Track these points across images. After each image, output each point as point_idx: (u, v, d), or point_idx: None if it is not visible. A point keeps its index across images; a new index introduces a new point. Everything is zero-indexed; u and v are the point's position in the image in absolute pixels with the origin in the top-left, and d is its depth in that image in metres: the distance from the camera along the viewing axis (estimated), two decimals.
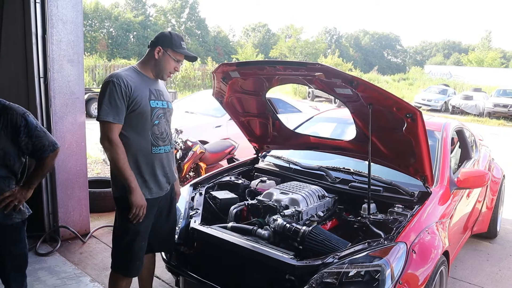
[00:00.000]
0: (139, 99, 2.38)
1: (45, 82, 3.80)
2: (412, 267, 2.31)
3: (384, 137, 2.87)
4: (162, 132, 2.52)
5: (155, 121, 2.47)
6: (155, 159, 2.50)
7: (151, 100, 2.44)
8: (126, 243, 2.50)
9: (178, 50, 2.47)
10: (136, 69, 2.49)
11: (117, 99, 2.32)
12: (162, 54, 2.45)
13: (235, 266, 2.60)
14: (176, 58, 2.49)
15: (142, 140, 2.44)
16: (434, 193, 2.90)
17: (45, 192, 3.98)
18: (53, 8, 3.72)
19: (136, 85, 2.39)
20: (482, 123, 18.32)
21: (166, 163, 2.57)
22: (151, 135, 2.46)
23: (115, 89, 2.31)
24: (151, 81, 2.52)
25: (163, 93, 2.57)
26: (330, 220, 2.95)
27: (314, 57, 46.41)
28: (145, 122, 2.42)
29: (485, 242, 4.67)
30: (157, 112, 2.47)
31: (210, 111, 7.03)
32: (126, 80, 2.36)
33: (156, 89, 2.52)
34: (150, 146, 2.46)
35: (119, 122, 2.34)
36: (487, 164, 4.57)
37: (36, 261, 3.68)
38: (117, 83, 2.32)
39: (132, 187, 2.37)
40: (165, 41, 2.45)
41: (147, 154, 2.46)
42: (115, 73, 2.39)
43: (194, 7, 55.05)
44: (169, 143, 2.60)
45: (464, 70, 39.84)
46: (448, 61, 63.62)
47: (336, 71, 2.52)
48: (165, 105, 2.55)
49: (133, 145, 2.42)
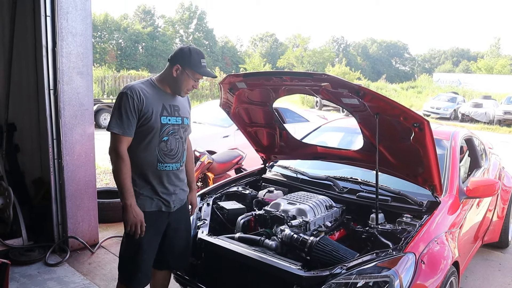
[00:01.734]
0: (150, 114, 2.35)
1: (55, 94, 3.85)
2: (421, 278, 2.28)
3: (392, 146, 2.86)
4: (172, 149, 2.46)
5: (164, 138, 2.42)
6: (161, 175, 2.46)
7: (163, 116, 2.41)
8: (128, 255, 2.51)
9: (197, 70, 2.41)
10: (153, 83, 2.47)
11: (129, 112, 2.31)
12: (180, 72, 2.40)
13: (242, 276, 2.60)
14: (194, 78, 2.44)
15: (148, 156, 2.41)
16: (443, 203, 2.87)
17: (54, 203, 4.01)
18: (63, 21, 3.79)
19: (149, 99, 2.37)
20: (492, 131, 18.14)
21: (174, 180, 2.52)
22: (158, 151, 2.42)
23: (128, 101, 2.31)
24: (167, 96, 2.48)
25: (180, 109, 2.52)
26: (338, 230, 2.94)
27: (322, 66, 46.49)
28: (153, 137, 2.39)
29: (497, 252, 4.60)
30: (168, 129, 2.43)
31: (217, 121, 7.06)
32: (140, 93, 2.34)
33: (171, 104, 2.47)
34: (156, 162, 2.43)
35: (128, 135, 2.34)
36: (497, 173, 4.52)
37: (45, 272, 3.70)
38: (130, 95, 2.32)
39: (127, 204, 2.33)
40: (185, 60, 2.39)
41: (152, 169, 2.43)
42: (130, 85, 2.38)
43: (202, 18, 55.54)
44: (179, 161, 2.53)
45: (474, 78, 39.60)
46: (457, 68, 63.33)
47: (342, 81, 2.53)
48: (179, 121, 2.49)
49: (139, 159, 2.40)
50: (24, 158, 4.52)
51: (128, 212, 2.34)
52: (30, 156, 4.47)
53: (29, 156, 4.49)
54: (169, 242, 2.60)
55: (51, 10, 3.74)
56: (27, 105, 4.32)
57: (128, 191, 2.33)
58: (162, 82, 2.48)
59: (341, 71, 34.62)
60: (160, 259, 2.63)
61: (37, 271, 3.71)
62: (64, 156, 3.93)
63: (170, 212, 2.55)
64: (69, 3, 3.80)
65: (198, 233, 2.85)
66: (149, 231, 2.44)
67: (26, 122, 4.39)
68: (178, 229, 2.64)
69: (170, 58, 2.46)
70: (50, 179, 3.97)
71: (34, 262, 3.83)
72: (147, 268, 2.52)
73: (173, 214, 2.57)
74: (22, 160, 4.52)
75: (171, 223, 2.58)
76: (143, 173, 2.42)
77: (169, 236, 2.60)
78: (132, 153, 2.38)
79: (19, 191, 4.29)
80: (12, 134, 4.40)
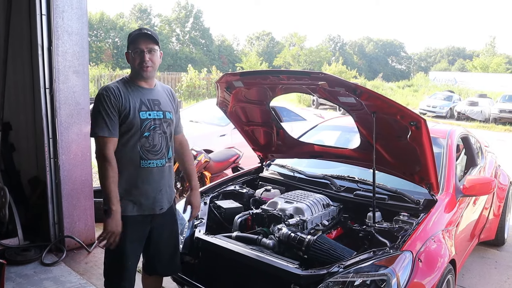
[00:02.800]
0: (128, 111, 2.30)
1: (50, 93, 3.83)
2: (419, 276, 2.29)
3: (389, 145, 2.87)
4: (155, 145, 2.38)
5: (146, 133, 2.34)
6: (144, 173, 2.37)
7: (142, 111, 2.34)
8: (111, 263, 2.45)
9: (131, 40, 2.36)
10: (127, 80, 2.42)
11: (109, 112, 2.25)
12: (129, 56, 2.38)
13: (240, 275, 2.60)
14: (135, 49, 2.34)
15: (130, 153, 2.33)
16: (440, 201, 2.88)
17: (50, 202, 4.00)
18: (58, 20, 3.77)
19: (126, 96, 2.32)
20: (488, 129, 18.20)
21: (159, 179, 2.42)
22: (140, 148, 2.34)
23: (106, 102, 2.26)
24: (145, 91, 2.41)
25: (160, 103, 2.43)
26: (335, 229, 2.94)
27: (318, 65, 46.52)
28: (134, 134, 2.32)
29: (493, 250, 4.62)
30: (148, 124, 2.35)
31: (214, 120, 7.05)
32: (116, 91, 2.30)
33: (150, 99, 2.40)
34: (139, 160, 2.34)
35: (113, 136, 2.28)
36: (494, 171, 4.54)
37: (41, 271, 3.69)
38: (107, 95, 2.27)
39: (113, 210, 2.25)
40: (127, 44, 2.38)
41: (136, 168, 2.35)
42: (105, 86, 2.34)
43: (198, 17, 55.42)
44: (164, 157, 2.43)
45: (469, 76, 39.72)
46: (453, 67, 63.45)
47: (339, 80, 2.53)
48: (161, 115, 2.41)
49: (122, 158, 2.32)
50: (20, 157, 4.50)
51: (112, 218, 2.26)
52: (26, 155, 4.45)
53: (25, 155, 4.46)
54: (154, 247, 2.52)
55: (47, 9, 3.72)
56: (23, 104, 4.30)
57: (115, 197, 2.26)
58: (133, 76, 2.42)
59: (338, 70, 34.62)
60: (148, 264, 2.58)
61: (33, 271, 3.69)
62: (60, 155, 3.91)
63: (154, 215, 2.46)
64: (65, 1, 3.78)
65: (195, 232, 2.85)
66: (132, 237, 2.38)
67: (21, 121, 4.37)
68: (163, 234, 2.54)
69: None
70: (46, 178, 3.95)
71: (30, 261, 3.81)
72: (131, 275, 2.45)
73: (158, 217, 2.48)
74: (18, 160, 4.50)
75: (155, 226, 2.49)
76: (125, 172, 2.34)
77: (154, 240, 2.51)
78: (115, 154, 2.30)
79: (15, 190, 4.27)
80: (7, 133, 4.37)
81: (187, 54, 49.41)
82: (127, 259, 2.40)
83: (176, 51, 50.48)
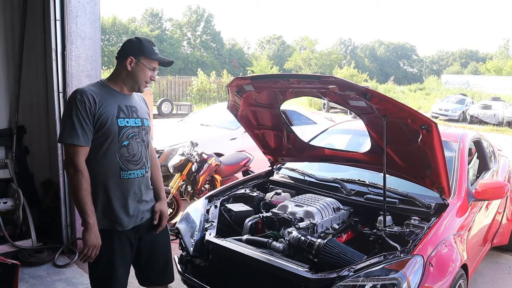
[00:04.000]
0: (105, 117, 2.13)
1: (64, 96, 3.88)
2: (429, 281, 2.27)
3: (399, 149, 2.85)
4: (134, 154, 2.23)
5: (124, 142, 2.18)
6: (126, 185, 2.21)
7: (120, 119, 2.18)
8: (101, 275, 2.27)
9: (152, 57, 2.21)
10: (104, 83, 2.24)
11: (81, 118, 2.07)
12: (135, 64, 2.19)
13: (250, 278, 2.60)
14: (151, 66, 2.22)
15: (109, 164, 2.17)
16: (452, 205, 2.86)
17: (63, 205, 4.05)
18: (72, 25, 3.82)
19: (102, 102, 2.13)
20: (502, 132, 17.98)
21: (138, 190, 2.27)
22: (119, 158, 2.18)
23: (79, 107, 2.07)
24: (122, 96, 2.24)
25: (137, 109, 2.29)
26: (346, 232, 2.93)
27: (330, 69, 46.43)
28: (111, 143, 2.15)
29: (506, 255, 4.56)
30: (127, 132, 2.19)
31: (225, 124, 7.07)
32: (91, 95, 2.11)
33: (127, 105, 2.24)
34: (119, 171, 2.18)
35: (85, 144, 2.09)
36: (507, 175, 4.49)
37: (54, 273, 3.73)
38: (81, 100, 2.08)
39: (90, 223, 2.09)
40: (136, 49, 2.19)
41: (115, 179, 2.19)
42: (79, 89, 2.14)
43: (209, 21, 55.74)
44: (144, 166, 2.29)
45: (482, 79, 39.27)
46: (465, 70, 62.86)
47: (349, 84, 2.53)
48: (139, 122, 2.27)
49: (100, 170, 2.16)
50: (34, 160, 4.56)
51: (89, 231, 2.09)
52: (39, 158, 4.51)
53: (38, 158, 4.53)
54: (146, 256, 2.41)
55: (61, 14, 3.78)
56: (37, 108, 4.37)
57: (90, 209, 2.10)
58: (115, 81, 2.25)
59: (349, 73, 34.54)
60: (142, 275, 2.49)
61: (46, 272, 3.74)
62: None
63: (139, 226, 2.33)
64: (78, 7, 3.84)
65: (206, 235, 2.86)
66: (120, 246, 2.25)
67: (35, 124, 4.44)
68: (154, 242, 2.42)
69: (119, 53, 2.23)
70: (59, 181, 4.00)
71: (43, 263, 3.87)
72: (123, 284, 2.32)
73: (144, 226, 2.35)
74: (32, 162, 4.56)
75: (143, 235, 2.37)
76: (104, 186, 2.18)
77: (145, 250, 2.39)
78: (90, 165, 2.14)
79: (28, 193, 4.33)
80: (21, 137, 4.44)
81: (198, 58, 49.68)
82: (117, 269, 2.26)
83: (187, 55, 50.80)
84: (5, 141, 4.31)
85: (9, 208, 4.07)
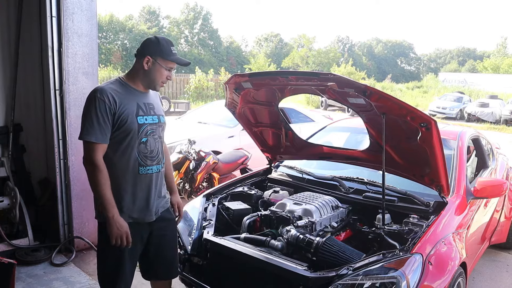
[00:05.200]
0: (125, 116, 2.19)
1: (60, 94, 3.86)
2: (429, 279, 2.27)
3: (398, 146, 2.84)
4: (152, 151, 2.31)
5: (143, 139, 2.26)
6: (142, 180, 2.29)
7: (139, 116, 2.24)
8: (109, 267, 2.34)
9: (169, 57, 2.26)
10: (122, 81, 2.29)
11: (100, 117, 2.13)
12: (151, 63, 2.24)
13: (248, 277, 2.59)
14: (167, 67, 2.28)
15: (128, 160, 2.24)
16: (450, 203, 2.85)
17: (60, 203, 4.02)
18: (68, 22, 3.79)
19: (122, 100, 2.20)
20: (499, 130, 18.01)
21: (154, 186, 2.35)
22: (138, 154, 2.25)
23: (99, 105, 2.13)
24: (140, 94, 2.31)
25: (154, 107, 2.36)
26: (344, 231, 2.92)
27: (327, 66, 46.41)
28: (131, 140, 2.22)
29: (504, 253, 4.56)
30: (146, 129, 2.27)
31: (223, 122, 7.06)
32: (111, 94, 2.17)
33: (145, 103, 2.31)
34: (137, 166, 2.26)
35: (103, 142, 2.16)
36: (505, 173, 4.49)
37: (51, 272, 3.71)
38: (101, 98, 2.14)
39: (109, 217, 2.16)
40: (154, 49, 2.24)
41: (133, 175, 2.26)
42: (99, 87, 2.20)
43: (207, 18, 55.58)
44: (159, 162, 2.37)
45: (480, 77, 39.33)
46: (463, 68, 62.91)
47: (348, 81, 2.51)
48: (156, 119, 2.34)
49: (118, 166, 2.23)
50: (30, 158, 4.54)
51: (111, 225, 2.17)
52: (36, 156, 4.49)
53: (35, 156, 4.50)
54: (155, 251, 2.45)
55: (57, 11, 3.75)
56: (33, 105, 4.34)
57: (110, 203, 2.17)
58: (133, 79, 2.31)
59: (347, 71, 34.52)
60: (148, 270, 2.53)
61: (43, 271, 3.72)
62: (70, 157, 3.94)
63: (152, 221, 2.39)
64: (75, 3, 3.81)
65: (204, 233, 2.85)
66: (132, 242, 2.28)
67: (32, 122, 4.41)
68: (163, 237, 2.47)
69: (138, 51, 2.30)
70: (56, 179, 3.98)
71: (40, 262, 3.84)
72: (129, 278, 2.38)
73: (155, 221, 2.40)
74: (28, 161, 4.54)
75: (154, 230, 2.42)
76: (122, 181, 2.25)
77: (154, 245, 2.44)
78: (109, 161, 2.21)
79: (25, 191, 4.30)
80: (18, 135, 4.41)
81: (196, 56, 49.56)
82: (125, 267, 2.32)
83: (185, 52, 50.65)
84: (1, 139, 4.29)
85: (5, 206, 4.04)
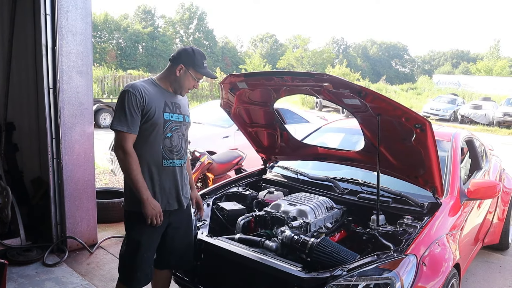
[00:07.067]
0: (153, 111, 2.40)
1: (54, 93, 3.83)
2: (423, 280, 2.27)
3: (393, 147, 2.85)
4: (176, 146, 2.52)
5: (168, 134, 2.47)
6: (166, 172, 2.50)
7: (165, 113, 2.46)
8: (128, 255, 2.53)
9: (200, 70, 2.50)
10: (154, 82, 2.53)
11: (132, 109, 2.35)
12: (183, 72, 2.48)
13: (242, 278, 2.58)
14: (196, 77, 2.51)
15: (153, 152, 2.45)
16: (444, 204, 2.86)
17: (53, 203, 3.99)
18: (63, 20, 3.77)
19: (151, 97, 2.42)
20: (492, 132, 18.14)
21: (178, 177, 2.56)
22: (163, 148, 2.46)
23: (131, 99, 2.35)
24: (168, 94, 2.53)
25: (181, 106, 2.58)
26: (339, 231, 2.92)
27: (322, 67, 46.51)
28: (156, 134, 2.44)
29: (497, 254, 4.59)
30: (171, 125, 2.48)
31: (218, 122, 7.04)
32: (142, 90, 2.39)
33: (172, 102, 2.53)
34: (161, 159, 2.47)
35: (132, 132, 2.37)
36: (498, 174, 4.51)
37: (43, 272, 3.68)
38: (133, 93, 2.36)
39: (144, 199, 2.38)
40: (188, 60, 2.47)
41: (158, 166, 2.47)
42: (132, 84, 2.44)
43: (202, 18, 55.55)
44: (183, 158, 2.59)
45: (473, 79, 39.63)
46: (456, 70, 63.29)
47: (344, 82, 2.51)
48: (181, 118, 2.55)
49: (145, 156, 2.43)
50: (23, 157, 4.50)
51: (146, 206, 2.38)
52: (29, 155, 4.45)
53: (28, 155, 4.47)
54: (170, 241, 2.61)
55: (51, 9, 3.73)
56: (26, 104, 4.31)
57: (143, 186, 2.38)
58: (164, 81, 2.53)
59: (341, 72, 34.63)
60: (161, 258, 2.66)
61: (35, 271, 3.69)
62: (63, 156, 3.91)
63: (171, 211, 2.56)
64: (69, 2, 3.79)
65: (198, 234, 2.83)
66: (150, 230, 2.47)
67: (25, 121, 4.37)
68: (179, 228, 2.64)
69: (173, 58, 2.51)
70: (49, 178, 3.95)
71: (32, 262, 3.81)
72: (147, 267, 2.53)
73: (174, 213, 2.58)
74: (21, 160, 4.50)
75: (172, 222, 2.59)
76: (147, 170, 2.45)
77: (170, 235, 2.61)
78: (137, 151, 2.40)
79: (17, 190, 4.27)
80: (11, 134, 4.38)
81: None
82: (144, 251, 2.48)
83: None
84: None
85: None
